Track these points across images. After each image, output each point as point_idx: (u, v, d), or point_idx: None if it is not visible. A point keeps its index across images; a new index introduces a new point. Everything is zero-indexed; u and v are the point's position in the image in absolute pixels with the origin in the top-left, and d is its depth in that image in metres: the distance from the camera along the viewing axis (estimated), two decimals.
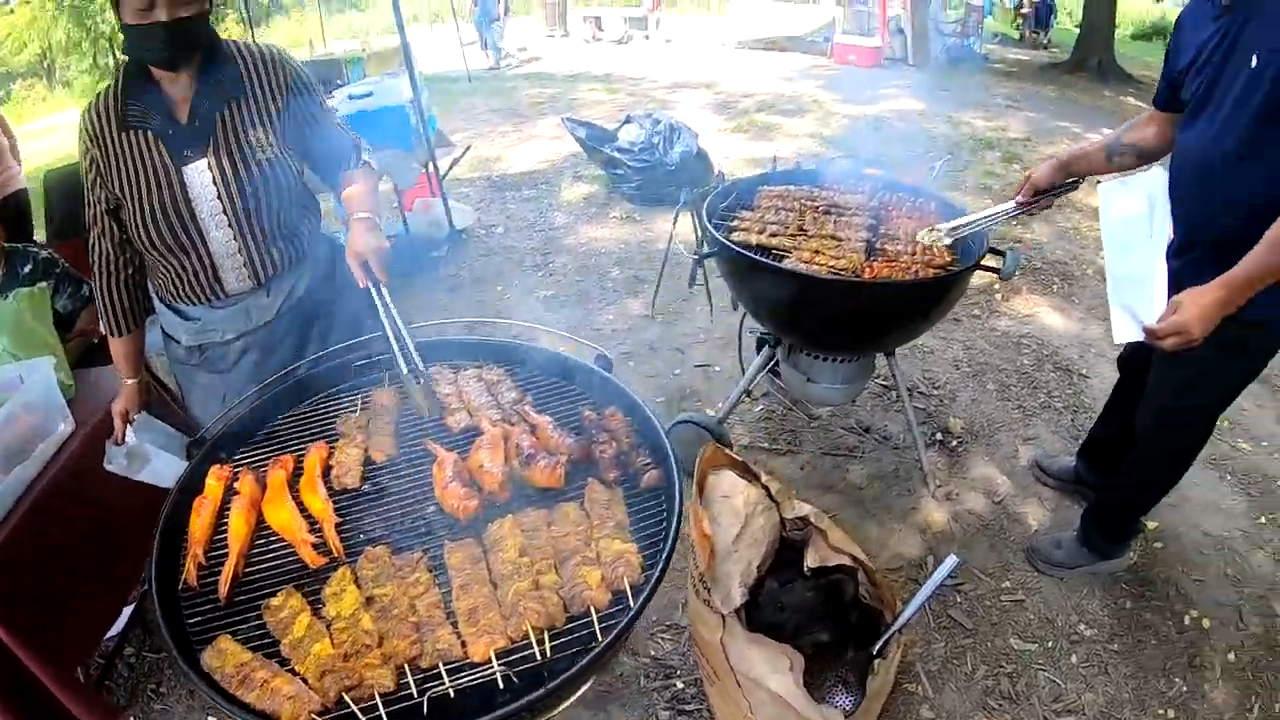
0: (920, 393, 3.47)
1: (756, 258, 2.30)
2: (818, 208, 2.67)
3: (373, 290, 1.67)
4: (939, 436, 3.19)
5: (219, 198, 1.74)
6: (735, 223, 2.59)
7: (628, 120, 6.43)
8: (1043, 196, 2.35)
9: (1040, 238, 5.07)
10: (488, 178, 7.22)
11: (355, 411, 1.77)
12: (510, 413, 1.72)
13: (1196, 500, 2.92)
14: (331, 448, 1.63)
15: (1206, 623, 2.44)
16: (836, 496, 2.90)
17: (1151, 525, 2.77)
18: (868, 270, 2.24)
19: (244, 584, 1.36)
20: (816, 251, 2.34)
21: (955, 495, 2.89)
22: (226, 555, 1.38)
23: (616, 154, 6.01)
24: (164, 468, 1.90)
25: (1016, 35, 17.23)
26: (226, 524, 1.44)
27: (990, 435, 3.21)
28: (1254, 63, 1.73)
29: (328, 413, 1.78)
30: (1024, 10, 17.67)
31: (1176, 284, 1.79)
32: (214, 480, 1.53)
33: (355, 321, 2.02)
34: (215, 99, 1.72)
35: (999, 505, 2.86)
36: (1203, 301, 1.68)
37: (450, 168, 6.42)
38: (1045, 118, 8.26)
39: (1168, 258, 1.92)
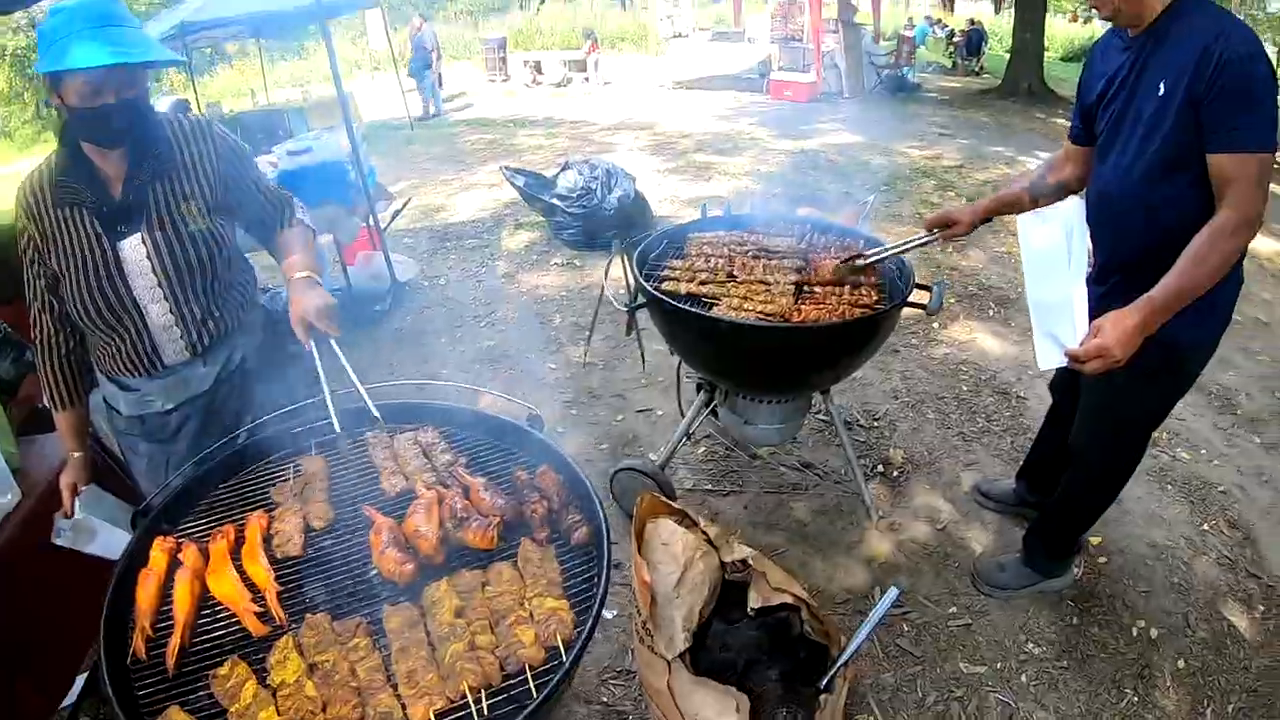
0: (860, 425, 3.61)
1: (684, 308, 2.41)
2: (747, 253, 2.80)
3: (314, 349, 1.76)
4: (880, 468, 3.32)
5: (153, 271, 1.80)
6: (666, 272, 2.71)
7: (566, 166, 6.59)
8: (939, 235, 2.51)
9: (975, 264, 5.33)
10: (430, 228, 7.30)
11: (289, 480, 1.81)
12: (445, 475, 1.78)
13: (1139, 513, 3.09)
14: (271, 516, 1.68)
15: (1154, 632, 2.58)
16: (782, 533, 2.99)
17: (1094, 540, 2.92)
18: (795, 314, 2.36)
19: (191, 653, 1.39)
20: (745, 298, 2.47)
21: (899, 525, 3.01)
22: (173, 626, 1.41)
23: (555, 201, 6.15)
24: (112, 541, 1.93)
25: (949, 64, 18.06)
26: (172, 595, 1.47)
27: (931, 463, 3.35)
28: (1161, 90, 1.84)
29: (268, 480, 1.83)
30: (956, 39, 18.55)
31: (1099, 309, 1.87)
32: (158, 551, 1.56)
33: (293, 388, 2.05)
34: (147, 174, 1.78)
35: (942, 532, 2.99)
36: (1123, 324, 1.75)
37: (391, 220, 6.48)
38: (979, 143, 8.67)
39: (1090, 284, 2.05)
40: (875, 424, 3.62)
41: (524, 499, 1.69)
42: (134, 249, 1.78)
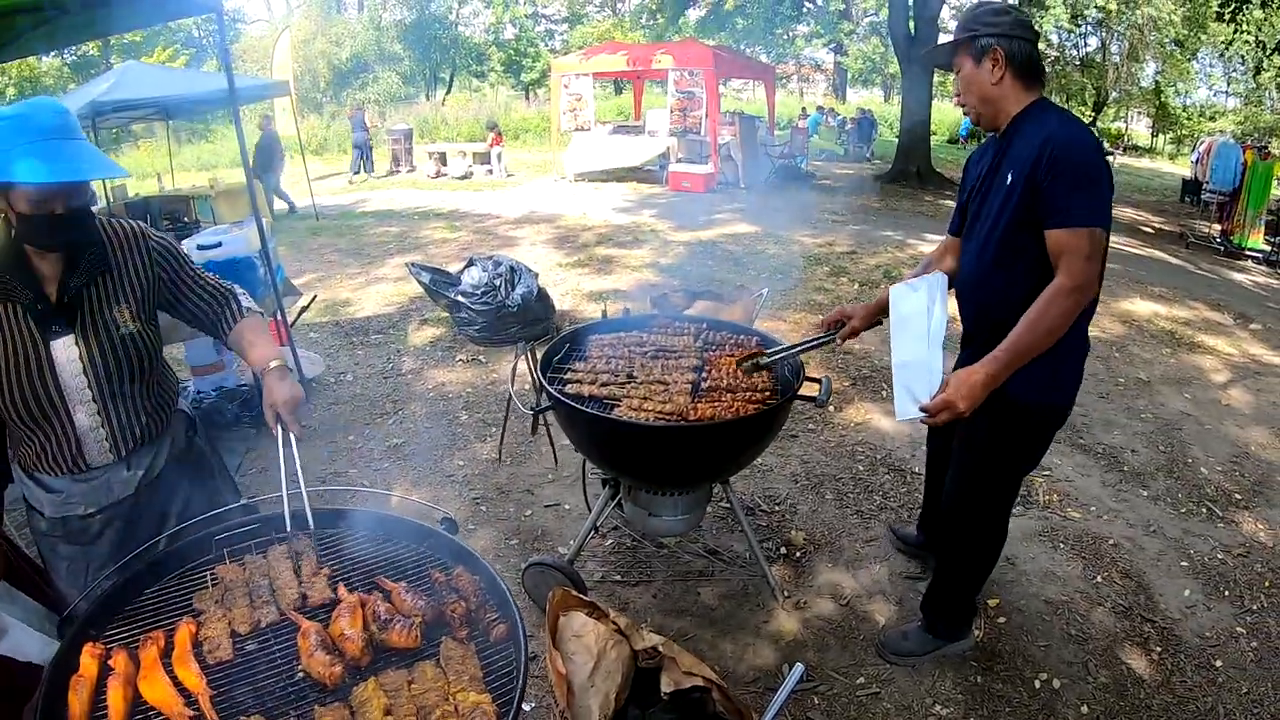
0: (762, 510, 3.85)
1: (587, 410, 2.61)
2: (646, 354, 3.05)
3: (279, 438, 1.90)
4: (783, 550, 3.54)
5: (84, 373, 1.86)
6: (569, 374, 2.92)
7: (470, 263, 6.80)
8: (834, 333, 2.83)
9: (867, 347, 5.76)
10: (336, 323, 7.34)
11: (208, 587, 1.85)
12: (361, 581, 1.90)
13: (1033, 572, 3.40)
14: (198, 622, 1.73)
15: (1056, 683, 2.82)
16: (691, 619, 3.15)
17: (992, 602, 3.19)
18: (692, 412, 2.60)
19: None
20: (645, 398, 2.69)
21: (804, 604, 3.22)
22: None
23: (459, 298, 6.33)
24: (24, 640, 1.90)
25: (841, 151, 19.42)
26: (105, 702, 1.51)
27: (832, 542, 3.60)
28: (1009, 179, 2.19)
29: (193, 586, 1.86)
30: (848, 127, 19.98)
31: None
32: (88, 658, 1.59)
33: (215, 493, 2.17)
34: (82, 276, 1.85)
35: (846, 607, 3.21)
36: (969, 379, 2.06)
37: (298, 316, 6.51)
38: (870, 229, 9.38)
39: (961, 348, 2.46)
40: (776, 508, 3.87)
41: (443, 600, 1.80)
42: (66, 349, 1.84)
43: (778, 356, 2.85)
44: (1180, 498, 4.09)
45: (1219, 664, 2.95)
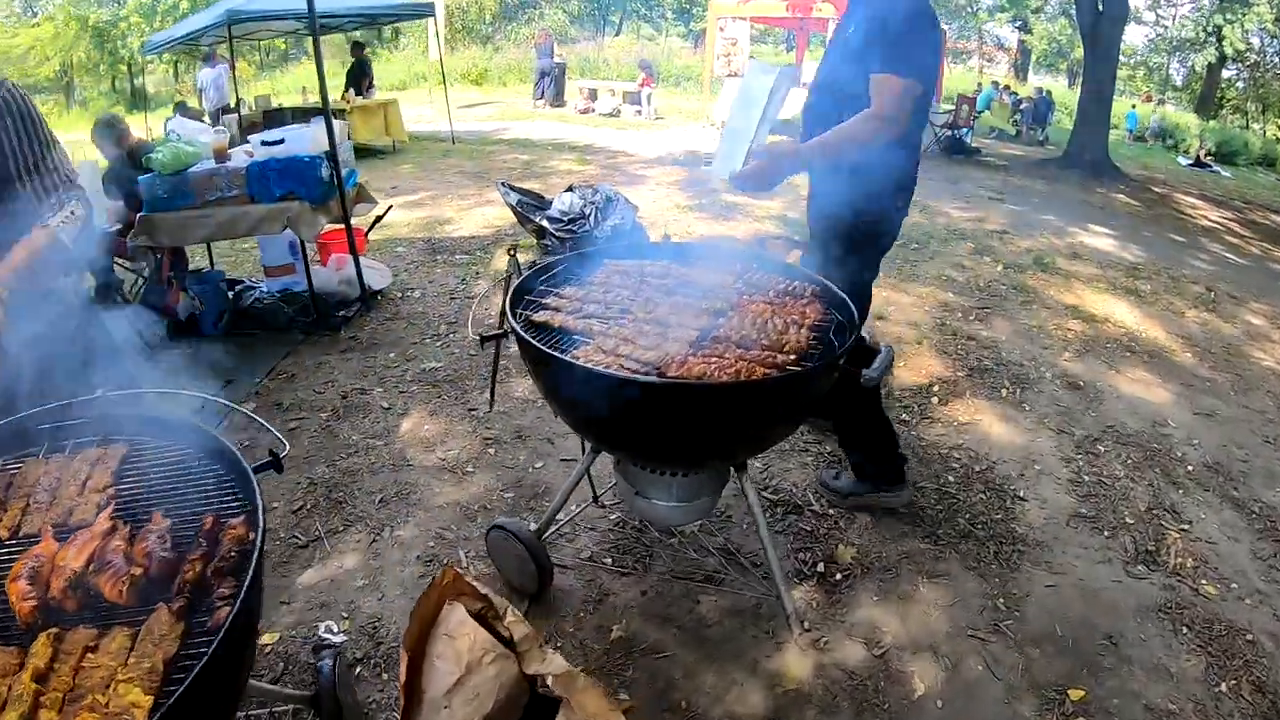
0: (811, 510, 3.04)
1: (534, 343, 1.92)
2: (662, 288, 2.31)
3: None
4: (820, 566, 2.74)
5: None
6: (550, 300, 2.24)
7: (569, 189, 6.22)
8: None
9: (997, 334, 4.72)
10: (429, 239, 7.02)
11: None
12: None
13: (1140, 661, 2.46)
14: None
15: None
16: (677, 632, 2.45)
17: (1075, 695, 2.31)
18: (674, 366, 1.85)
19: None
20: (626, 339, 1.97)
21: (826, 643, 2.43)
22: None
23: (545, 222, 5.76)
24: None
25: (1013, 131, 17.37)
26: None
27: (887, 567, 2.76)
28: (850, 29, 2.48)
29: None
30: (1022, 105, 17.88)
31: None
32: None
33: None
34: None
35: (880, 659, 2.40)
36: (779, 149, 2.47)
37: (372, 226, 6.19)
38: (1029, 211, 8.04)
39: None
40: (830, 510, 3.05)
41: (185, 555, 1.35)
42: None
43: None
44: None
45: None
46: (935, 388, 3.98)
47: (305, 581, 2.92)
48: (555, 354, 1.87)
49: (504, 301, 2.18)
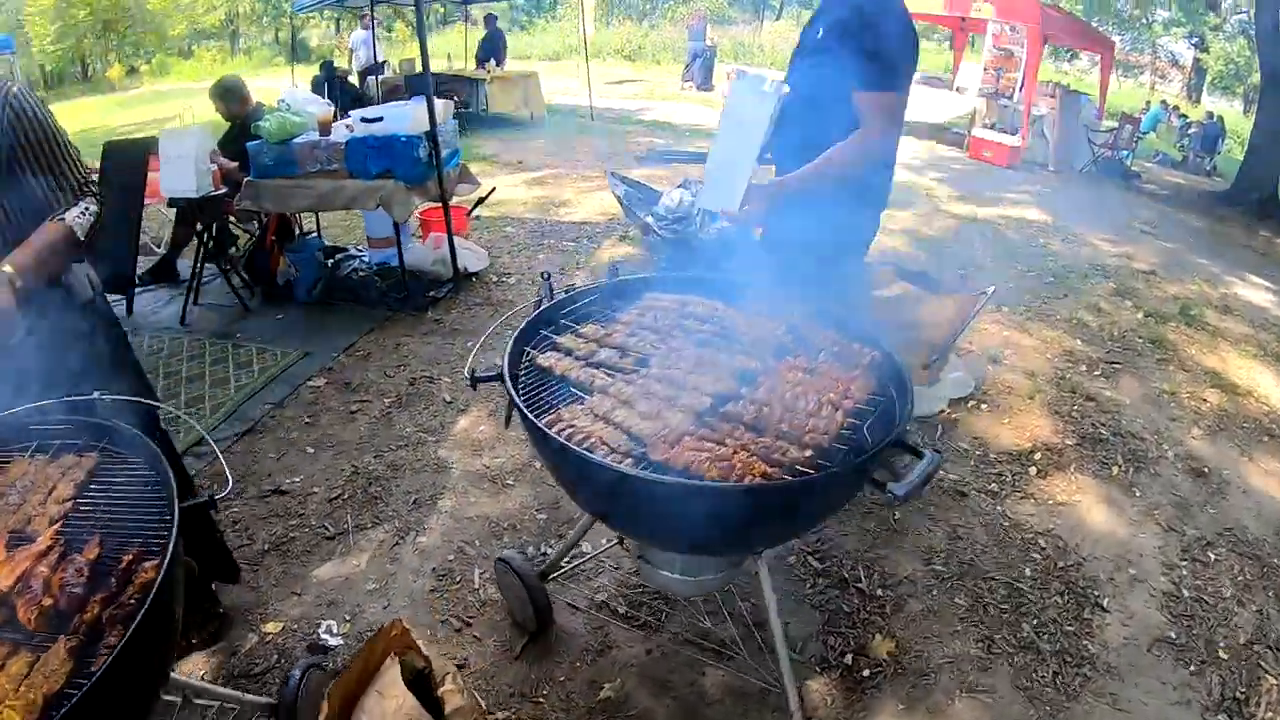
0: (858, 587, 2.69)
1: (516, 401, 1.70)
2: (699, 335, 2.03)
3: None
4: (849, 658, 2.41)
5: None
6: (565, 338, 2.01)
7: (681, 184, 5.93)
8: None
9: (1122, 397, 4.10)
10: (541, 221, 6.96)
11: None
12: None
13: None
14: None
15: None
16: (670, 703, 2.21)
17: None
18: (662, 448, 1.57)
19: None
20: (622, 404, 1.71)
21: None
22: None
23: (649, 219, 5.52)
24: None
25: (1179, 156, 15.51)
26: None
27: (924, 671, 2.39)
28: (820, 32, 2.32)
29: None
30: (1191, 130, 15.96)
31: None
32: None
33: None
34: None
35: None
36: (765, 193, 2.26)
37: (474, 207, 6.16)
38: (1182, 250, 7.07)
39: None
40: (879, 591, 2.69)
41: (97, 589, 1.30)
42: None
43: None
44: None
45: None
46: (1037, 455, 3.49)
47: (321, 575, 2.87)
48: (530, 417, 1.64)
49: (513, 340, 1.97)
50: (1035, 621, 2.60)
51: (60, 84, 25.43)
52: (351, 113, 4.85)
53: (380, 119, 4.51)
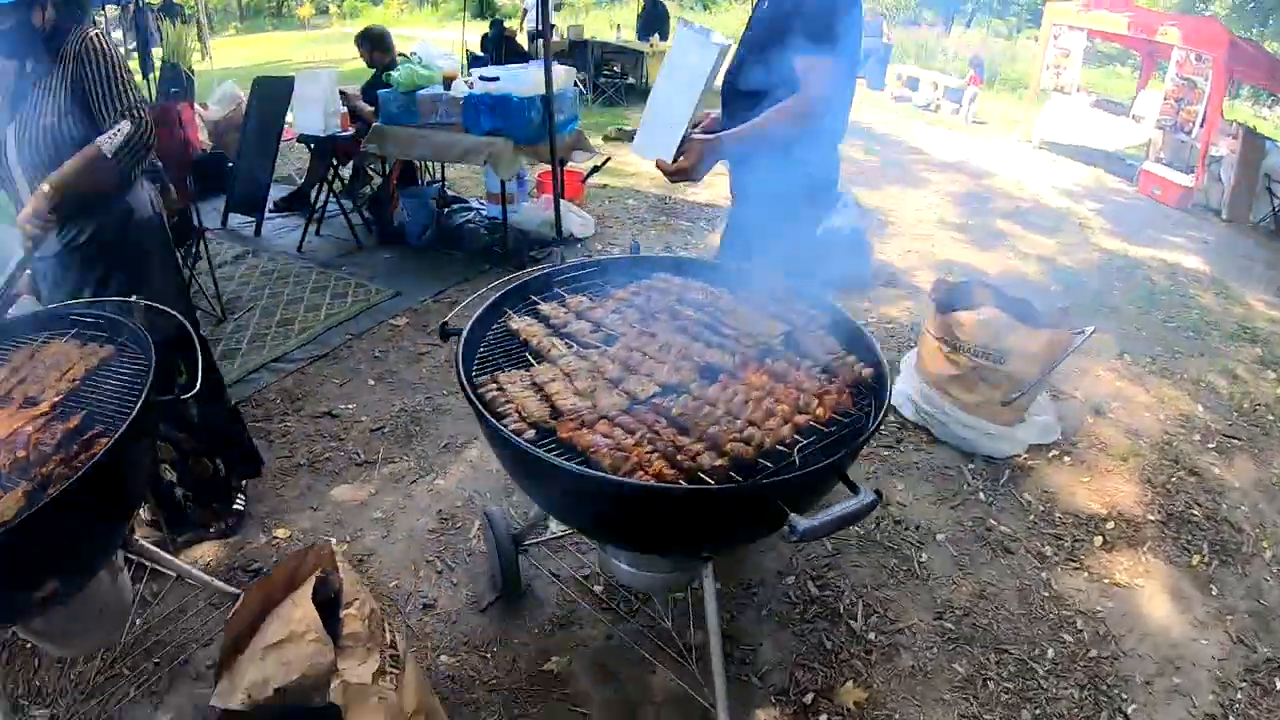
0: (850, 624, 2.43)
1: (458, 358, 1.61)
2: (683, 323, 1.87)
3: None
4: (809, 697, 2.18)
5: (16, 151, 2.12)
6: (548, 306, 1.91)
7: None
8: None
9: (1231, 478, 3.47)
10: (665, 197, 6.85)
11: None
12: None
13: None
14: None
15: None
16: (611, 694, 2.13)
17: None
18: (568, 428, 1.43)
19: None
20: (559, 379, 1.59)
21: None
22: None
23: None
24: None
25: None
26: None
27: None
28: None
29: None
30: None
31: None
32: None
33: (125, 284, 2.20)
34: (31, 76, 2.10)
35: None
36: (702, 148, 2.11)
37: (589, 174, 6.13)
38: None
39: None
40: (870, 635, 2.42)
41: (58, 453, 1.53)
42: (10, 133, 2.11)
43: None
44: None
45: None
46: (1110, 524, 3.03)
47: (338, 496, 2.95)
48: (460, 374, 1.55)
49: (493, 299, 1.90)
50: (1037, 712, 2.25)
51: (255, 16, 27.63)
52: (473, 71, 4.93)
53: (497, 79, 4.54)
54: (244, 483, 2.85)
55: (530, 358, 1.75)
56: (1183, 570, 2.87)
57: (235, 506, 2.76)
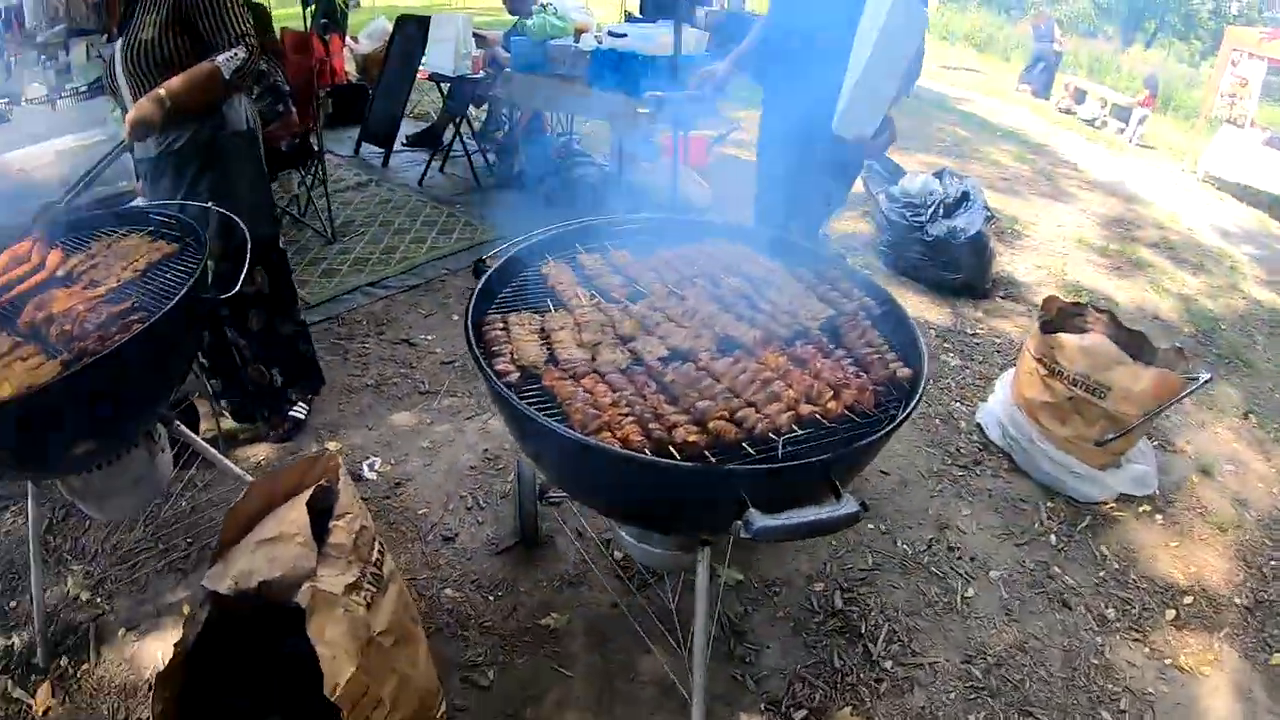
0: (866, 645, 2.21)
1: (473, 294, 1.52)
2: (723, 290, 1.71)
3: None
4: (801, 714, 1.98)
5: (121, 64, 2.21)
6: (589, 257, 1.80)
7: (938, 174, 5.21)
8: None
9: None
10: None
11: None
12: None
13: None
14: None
15: None
16: (597, 660, 2.03)
17: None
18: (552, 376, 1.31)
19: None
20: (578, 325, 1.47)
21: None
22: None
23: (883, 198, 4.92)
24: None
25: None
26: None
27: None
28: None
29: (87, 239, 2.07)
30: None
31: None
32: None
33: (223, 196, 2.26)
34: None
35: None
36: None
37: (713, 142, 5.91)
38: None
39: None
40: (887, 664, 2.18)
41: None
42: (118, 47, 2.22)
43: None
44: None
45: None
46: (1189, 599, 2.62)
47: (394, 420, 2.98)
48: (469, 310, 1.47)
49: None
50: None
51: None
52: (605, 26, 4.82)
53: (625, 35, 4.41)
54: (296, 402, 2.90)
55: (551, 302, 1.64)
56: (1258, 668, 2.43)
57: (294, 415, 2.83)
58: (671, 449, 1.17)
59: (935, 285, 4.54)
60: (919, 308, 4.34)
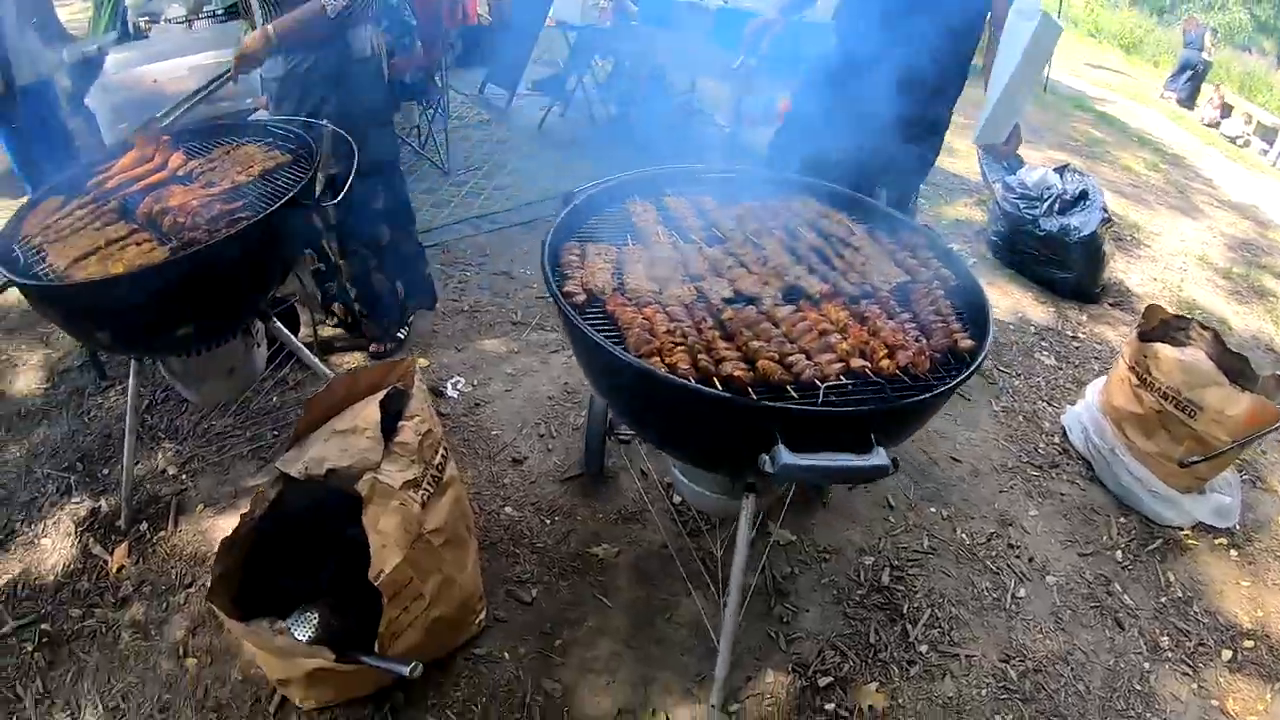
0: (905, 625, 2.14)
1: (556, 222, 1.53)
2: (804, 240, 1.64)
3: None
4: (824, 680, 1.95)
5: None
6: (677, 199, 1.76)
7: (1060, 169, 4.85)
8: None
9: None
10: None
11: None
12: None
13: None
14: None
15: None
16: (640, 596, 2.07)
17: None
18: (615, 302, 1.30)
19: None
20: (650, 261, 1.45)
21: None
22: None
23: (998, 186, 4.63)
24: None
25: None
26: None
27: None
28: None
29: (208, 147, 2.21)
30: None
31: None
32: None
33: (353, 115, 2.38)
34: None
35: None
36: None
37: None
38: None
39: None
40: (922, 648, 2.10)
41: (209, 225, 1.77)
42: None
43: None
44: None
45: None
46: (1250, 643, 2.31)
47: (483, 346, 3.06)
48: (549, 237, 1.48)
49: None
50: None
51: None
52: None
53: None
54: (410, 318, 3.00)
55: (629, 239, 1.62)
56: None
57: (399, 335, 2.93)
58: (715, 380, 1.15)
59: (1043, 282, 4.27)
60: (1021, 303, 4.10)
